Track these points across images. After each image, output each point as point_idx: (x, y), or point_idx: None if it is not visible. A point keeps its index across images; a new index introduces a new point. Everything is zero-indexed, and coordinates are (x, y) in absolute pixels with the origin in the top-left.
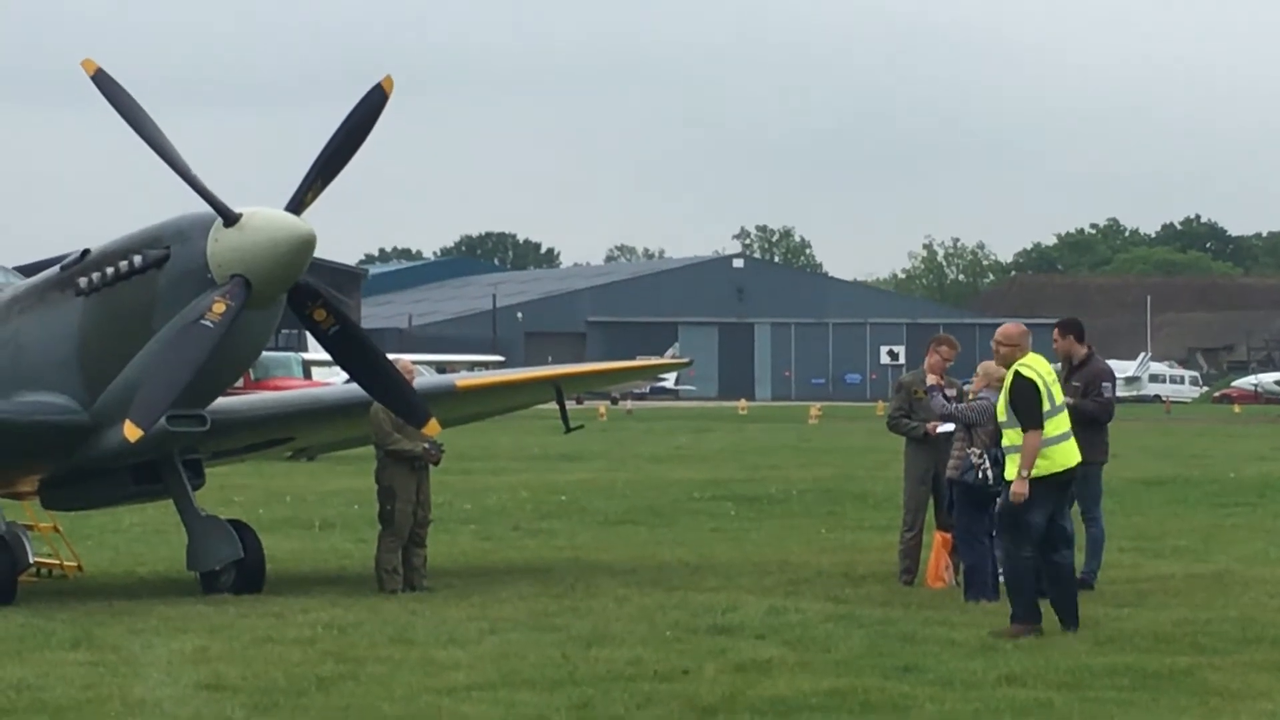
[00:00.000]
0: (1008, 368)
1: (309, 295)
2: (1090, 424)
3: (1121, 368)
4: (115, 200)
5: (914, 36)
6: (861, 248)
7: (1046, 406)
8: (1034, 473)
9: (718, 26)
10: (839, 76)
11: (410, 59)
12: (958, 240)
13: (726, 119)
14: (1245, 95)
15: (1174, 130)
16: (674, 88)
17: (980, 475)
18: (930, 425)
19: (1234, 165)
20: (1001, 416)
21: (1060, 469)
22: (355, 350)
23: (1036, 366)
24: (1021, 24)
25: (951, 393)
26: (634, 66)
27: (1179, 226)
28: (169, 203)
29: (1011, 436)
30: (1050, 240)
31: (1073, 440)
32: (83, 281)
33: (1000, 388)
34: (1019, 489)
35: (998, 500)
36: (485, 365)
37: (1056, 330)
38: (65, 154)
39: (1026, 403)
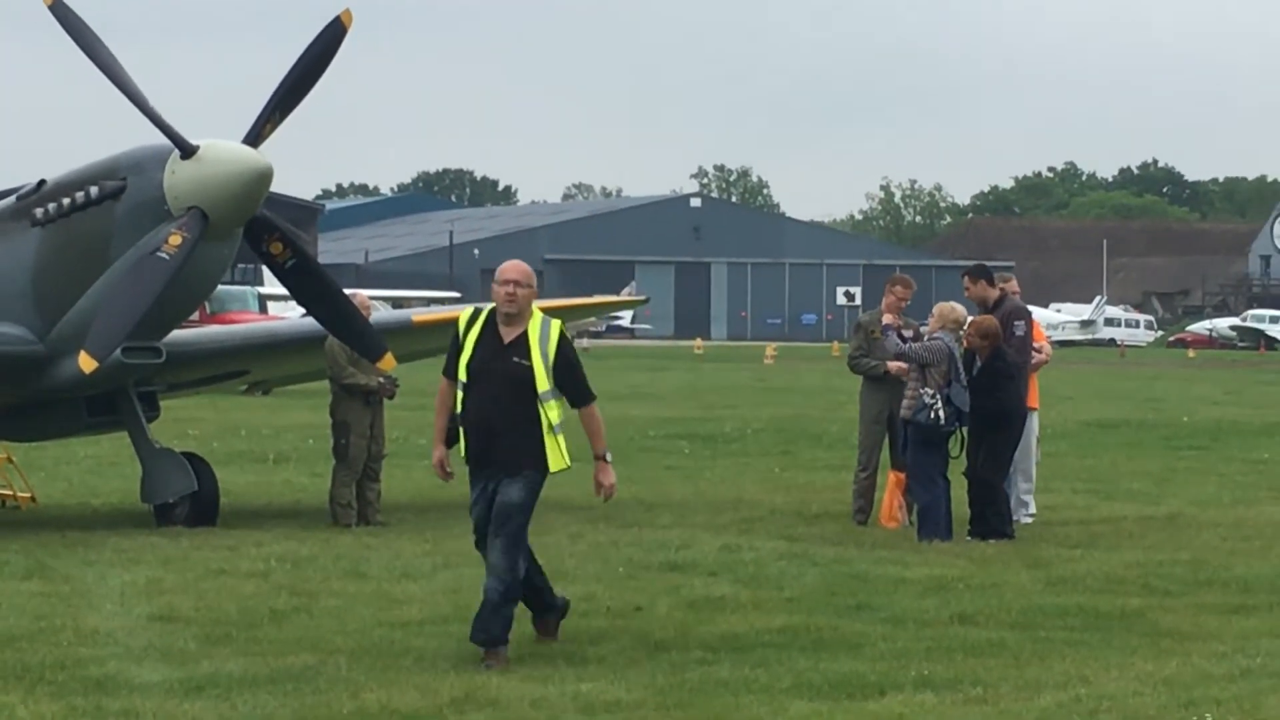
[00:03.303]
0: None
1: (265, 229)
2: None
3: (1077, 311)
4: (69, 131)
5: None
6: (819, 189)
7: None
8: None
9: None
10: (797, 18)
11: None
12: (915, 182)
13: (685, 59)
14: (1202, 42)
15: (1131, 74)
16: (632, 26)
17: (933, 415)
18: (891, 364)
19: (1191, 110)
20: None
21: None
22: (311, 284)
23: None
24: None
25: (910, 333)
26: (592, 5)
27: (1136, 171)
28: (126, 134)
29: None
30: (1007, 183)
31: None
32: (39, 212)
33: (955, 329)
34: None
35: (950, 440)
36: (442, 301)
37: (966, 278)
38: (17, 83)
39: None
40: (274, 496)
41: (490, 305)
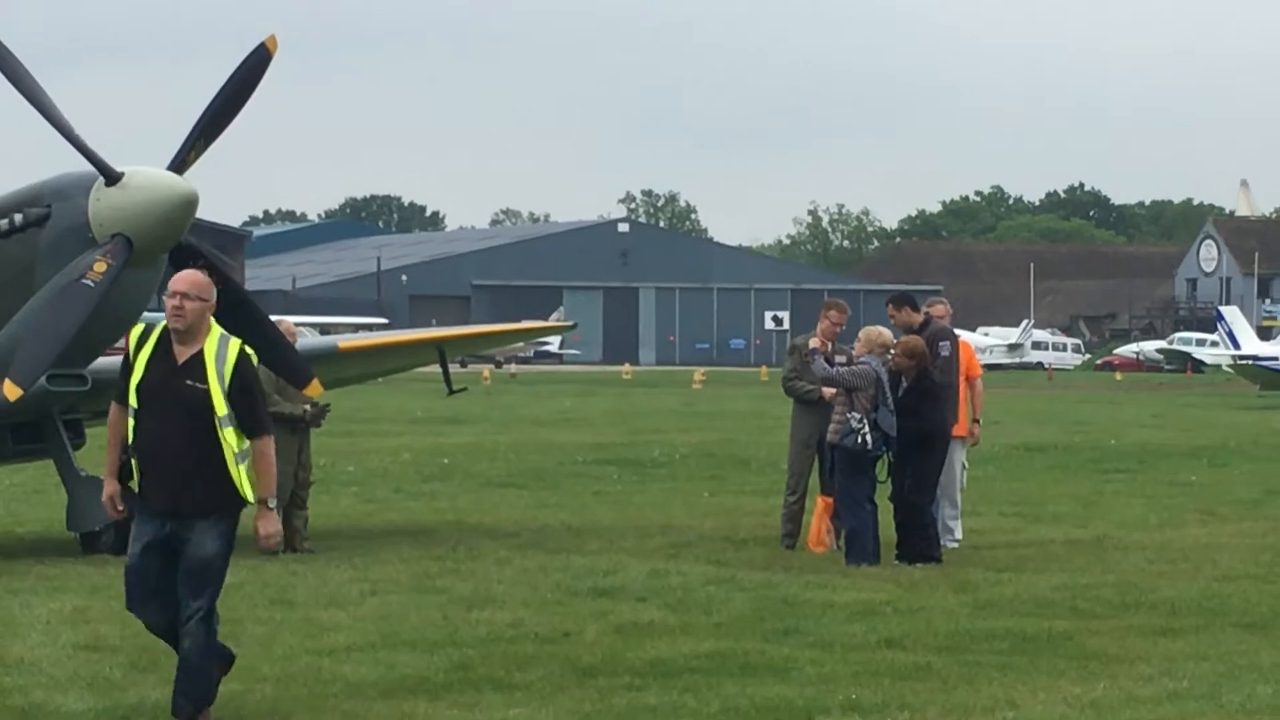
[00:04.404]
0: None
1: (191, 255)
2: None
3: (1005, 335)
4: None
5: (801, 3)
6: (747, 213)
7: None
8: None
9: None
10: (723, 43)
11: (294, 19)
12: (843, 206)
13: (612, 84)
14: (1129, 64)
15: (1058, 98)
16: (559, 51)
17: (860, 440)
18: (825, 389)
19: (1118, 134)
20: None
21: None
22: (238, 311)
23: None
24: None
25: (842, 359)
26: (519, 30)
27: (1062, 194)
28: (50, 161)
29: None
30: (935, 207)
31: None
32: None
33: (882, 354)
34: None
35: (876, 464)
36: (369, 328)
37: (890, 305)
38: None
39: None
40: None
41: (164, 322)
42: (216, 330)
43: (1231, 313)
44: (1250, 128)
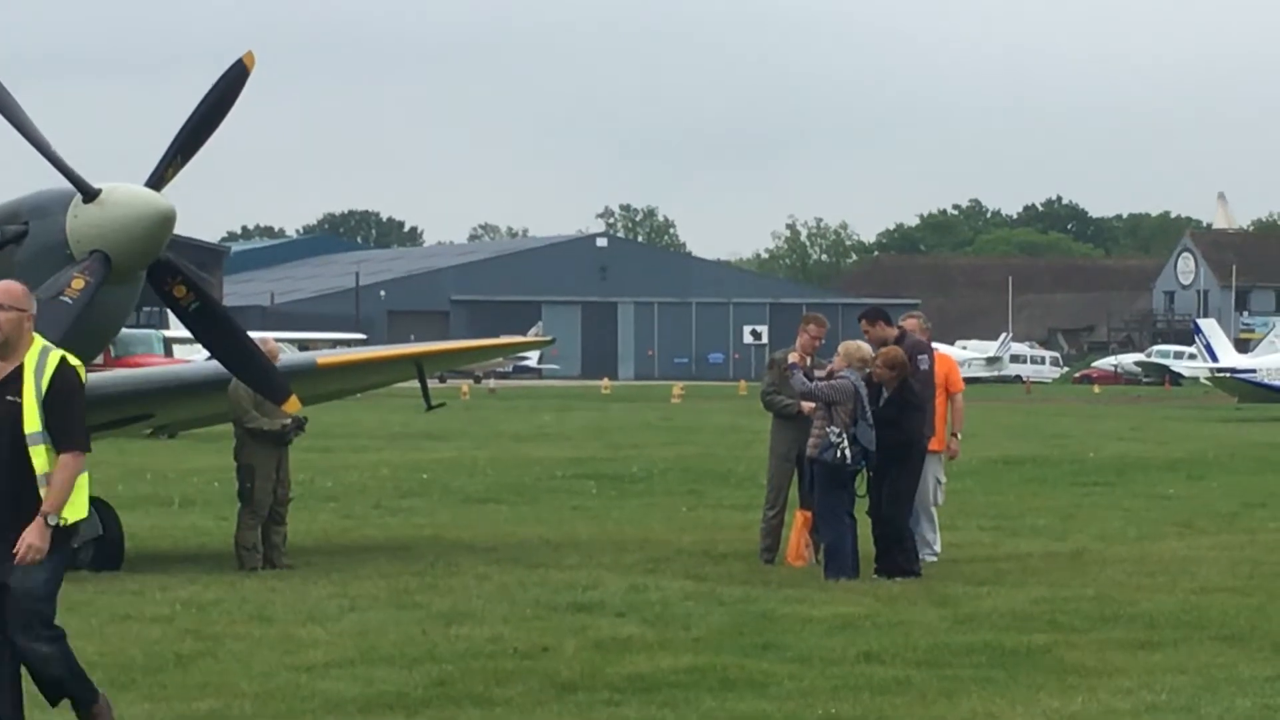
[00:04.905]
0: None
1: (169, 271)
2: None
3: (983, 348)
4: None
5: (777, 18)
6: (725, 228)
7: None
8: None
9: (583, 6)
10: (701, 57)
11: (272, 35)
12: (821, 220)
13: (590, 98)
14: (1106, 78)
15: (1036, 112)
16: (538, 66)
17: (839, 454)
18: (804, 404)
19: (1095, 147)
20: None
21: None
22: (216, 327)
23: None
24: (884, 7)
25: (822, 373)
26: (499, 44)
27: (1040, 208)
28: (27, 178)
29: None
30: (913, 221)
31: None
32: None
33: (861, 368)
34: None
35: (855, 478)
36: (347, 343)
37: (863, 322)
38: None
39: None
40: (179, 540)
41: None
42: (39, 342)
43: (1209, 325)
44: (1228, 141)
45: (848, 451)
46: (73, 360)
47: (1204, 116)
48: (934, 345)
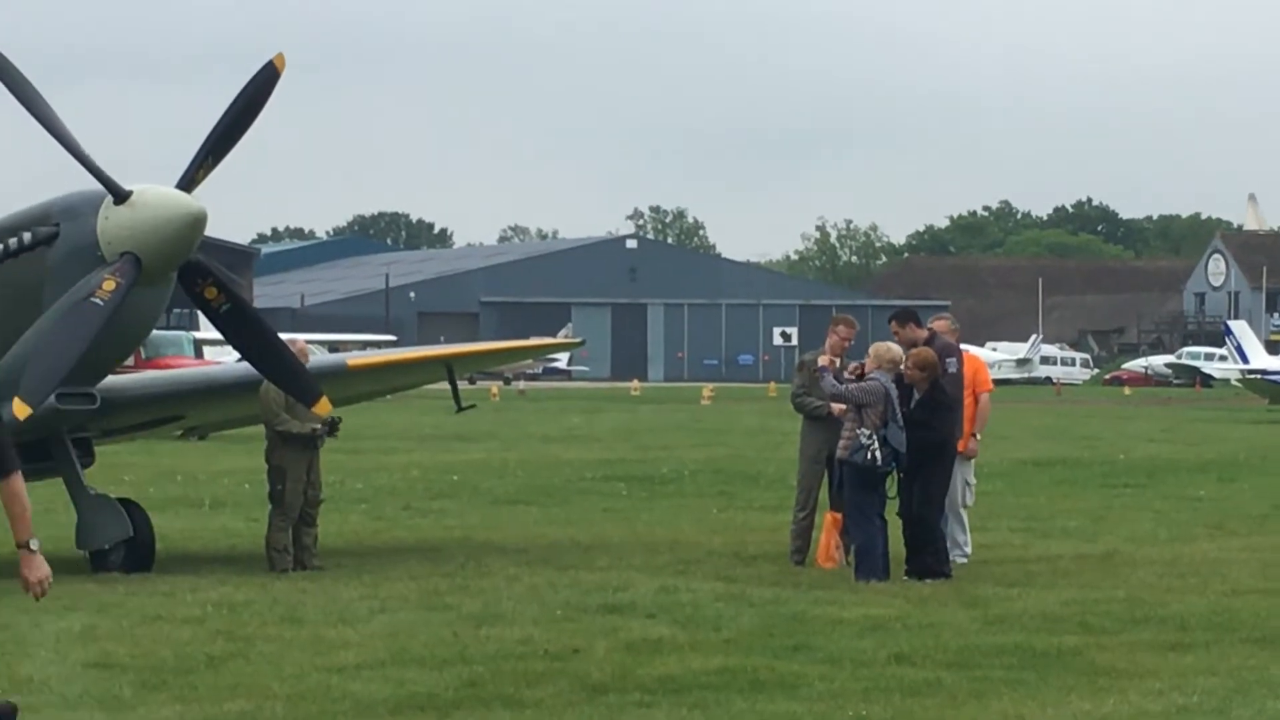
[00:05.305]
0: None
1: (200, 273)
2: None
3: (1013, 350)
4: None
5: (808, 18)
6: (755, 229)
7: None
8: None
9: (611, 7)
10: (731, 58)
11: (302, 37)
12: (850, 222)
13: (620, 99)
14: (1137, 79)
15: (1066, 114)
16: (568, 67)
17: (869, 456)
18: (834, 405)
19: (1125, 149)
20: None
21: None
22: (246, 329)
23: None
24: (915, 8)
25: (851, 375)
26: (527, 45)
27: (1070, 209)
28: (58, 180)
29: None
30: (943, 222)
31: None
32: None
33: (892, 369)
34: None
35: (886, 480)
36: (377, 345)
37: (893, 323)
38: None
39: None
40: (210, 542)
41: None
42: None
43: (1240, 327)
44: (1259, 142)
45: (878, 453)
46: None
47: (1235, 118)
48: (962, 347)
